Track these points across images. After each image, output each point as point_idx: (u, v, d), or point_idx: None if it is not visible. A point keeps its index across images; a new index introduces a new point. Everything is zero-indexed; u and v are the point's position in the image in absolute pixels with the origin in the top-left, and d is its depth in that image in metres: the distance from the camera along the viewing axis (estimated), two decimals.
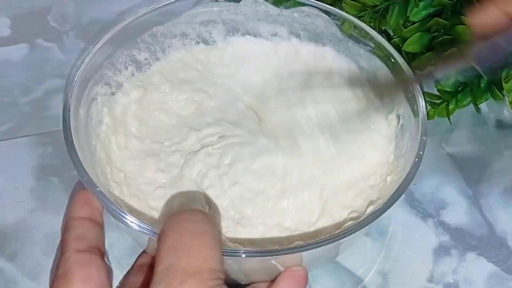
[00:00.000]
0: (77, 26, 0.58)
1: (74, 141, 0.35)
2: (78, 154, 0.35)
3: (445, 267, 0.42)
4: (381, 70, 0.43)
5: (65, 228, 0.32)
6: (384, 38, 0.43)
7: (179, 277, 0.24)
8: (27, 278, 0.40)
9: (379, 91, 0.43)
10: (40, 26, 0.58)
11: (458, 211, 0.45)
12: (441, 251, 0.42)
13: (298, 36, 0.48)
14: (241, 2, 0.47)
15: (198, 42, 0.48)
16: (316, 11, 0.45)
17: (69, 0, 0.60)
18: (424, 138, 0.37)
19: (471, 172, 0.47)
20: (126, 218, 0.32)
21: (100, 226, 0.33)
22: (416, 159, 0.36)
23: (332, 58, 0.47)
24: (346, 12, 0.45)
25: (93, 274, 0.29)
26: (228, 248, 0.32)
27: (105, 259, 0.32)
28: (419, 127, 0.38)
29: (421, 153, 0.36)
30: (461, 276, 0.41)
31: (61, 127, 0.36)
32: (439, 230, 0.44)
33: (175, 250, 0.25)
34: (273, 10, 0.47)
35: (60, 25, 0.58)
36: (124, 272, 0.39)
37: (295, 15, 0.47)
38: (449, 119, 0.49)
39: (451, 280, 0.41)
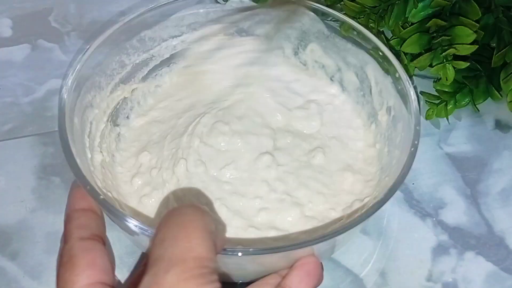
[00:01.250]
0: (78, 27, 0.58)
1: (72, 148, 0.35)
2: (77, 160, 0.35)
3: (444, 266, 0.42)
4: (370, 63, 0.43)
5: (67, 219, 0.32)
6: (380, 39, 0.44)
7: (164, 267, 0.25)
8: (29, 277, 0.41)
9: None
10: (41, 27, 0.58)
11: (456, 211, 0.45)
12: (439, 250, 0.43)
13: (284, 33, 0.48)
14: (227, 3, 0.47)
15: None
16: (302, 9, 0.45)
17: (70, 1, 0.60)
18: (418, 128, 0.36)
19: (470, 172, 0.47)
20: (128, 222, 0.32)
21: (100, 217, 0.33)
22: (412, 149, 0.35)
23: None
24: (345, 14, 0.46)
25: (97, 260, 0.30)
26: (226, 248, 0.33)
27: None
28: (411, 117, 0.37)
29: (416, 142, 0.35)
30: (460, 275, 0.41)
31: None
32: (438, 230, 0.44)
33: (162, 242, 0.26)
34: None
35: (62, 26, 0.58)
36: (125, 269, 0.40)
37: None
38: (447, 119, 0.49)
39: (450, 279, 0.41)
